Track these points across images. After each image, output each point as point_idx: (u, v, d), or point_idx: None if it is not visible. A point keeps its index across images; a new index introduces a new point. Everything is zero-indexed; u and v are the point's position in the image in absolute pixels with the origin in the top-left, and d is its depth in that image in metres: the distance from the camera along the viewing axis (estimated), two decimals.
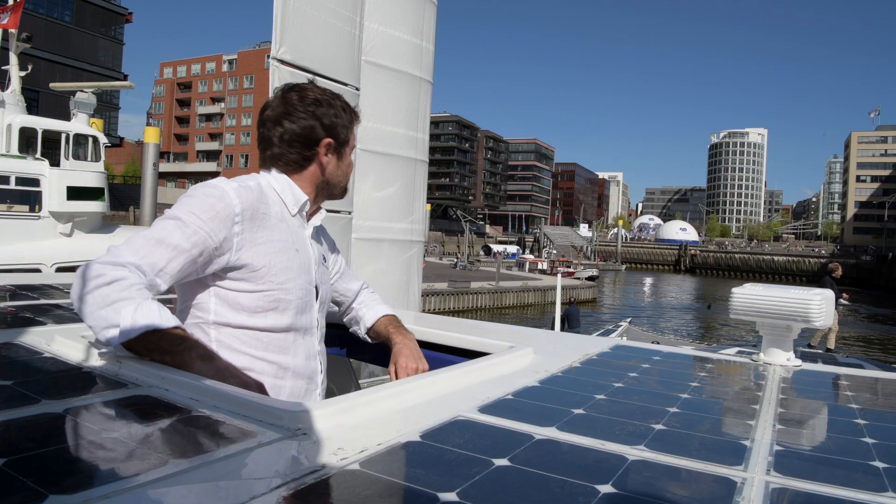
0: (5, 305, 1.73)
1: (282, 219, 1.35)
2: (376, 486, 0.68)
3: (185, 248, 1.19)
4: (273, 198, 1.36)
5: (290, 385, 1.35)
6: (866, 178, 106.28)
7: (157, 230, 1.21)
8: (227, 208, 1.23)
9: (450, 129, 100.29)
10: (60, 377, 1.03)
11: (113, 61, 39.66)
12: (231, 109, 74.11)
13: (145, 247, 1.18)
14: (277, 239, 1.32)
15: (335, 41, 3.79)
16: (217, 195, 1.24)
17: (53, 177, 10.77)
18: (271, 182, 1.39)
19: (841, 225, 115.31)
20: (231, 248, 1.25)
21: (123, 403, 0.90)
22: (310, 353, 1.40)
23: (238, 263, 1.26)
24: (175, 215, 1.22)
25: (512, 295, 29.27)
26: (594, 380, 1.29)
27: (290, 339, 1.35)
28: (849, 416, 1.14)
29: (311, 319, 1.40)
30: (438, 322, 1.89)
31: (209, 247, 1.21)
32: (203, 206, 1.22)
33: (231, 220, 1.24)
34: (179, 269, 1.19)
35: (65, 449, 0.71)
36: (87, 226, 11.34)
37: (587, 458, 0.81)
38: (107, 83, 15.30)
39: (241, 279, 1.28)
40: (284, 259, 1.32)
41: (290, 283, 1.32)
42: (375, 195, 4.23)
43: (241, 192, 1.26)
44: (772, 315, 1.59)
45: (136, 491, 0.61)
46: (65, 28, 36.04)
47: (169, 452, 0.71)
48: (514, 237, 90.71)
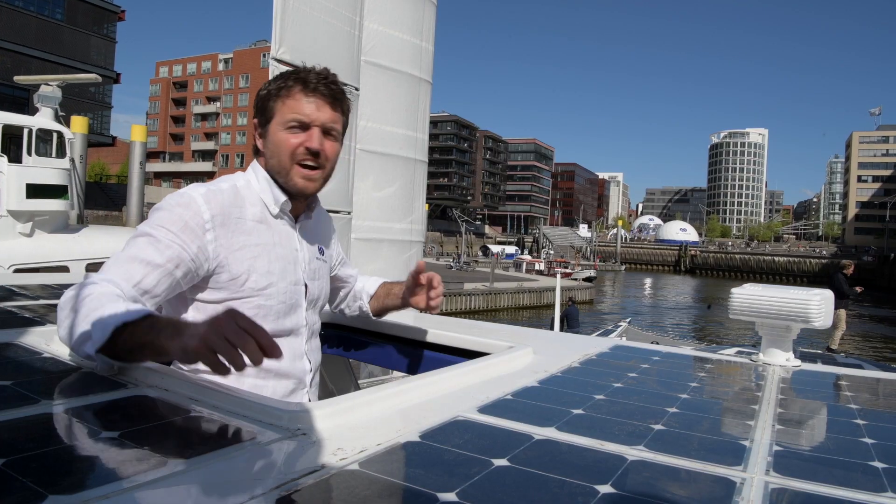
0: (5, 305, 1.72)
1: (261, 220, 1.30)
2: (376, 486, 0.68)
3: (158, 262, 1.15)
4: (251, 198, 1.30)
5: (272, 385, 1.30)
6: (867, 178, 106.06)
7: (127, 249, 1.17)
8: (194, 216, 1.19)
9: (448, 128, 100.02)
10: (60, 377, 1.03)
11: (105, 60, 39.21)
12: (227, 109, 73.91)
13: (116, 265, 1.15)
14: (255, 243, 1.27)
15: (335, 41, 3.79)
16: (184, 203, 1.20)
17: (12, 174, 10.04)
18: (251, 181, 1.32)
19: (842, 225, 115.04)
20: (207, 257, 1.20)
21: (122, 403, 0.90)
22: (295, 354, 1.35)
23: (217, 272, 1.22)
24: (145, 231, 1.19)
25: (506, 297, 28.80)
26: (593, 380, 1.29)
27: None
28: (848, 416, 1.14)
29: (297, 321, 1.36)
30: (438, 322, 1.89)
31: (184, 259, 1.17)
32: (171, 217, 1.18)
33: (201, 228, 1.19)
34: (157, 284, 1.15)
35: (64, 449, 0.71)
36: (50, 225, 10.65)
37: (586, 458, 0.81)
38: (71, 76, 14.62)
39: (220, 288, 1.24)
40: (265, 263, 1.27)
41: (272, 289, 1.28)
42: (375, 195, 4.23)
43: (210, 197, 1.22)
44: (771, 315, 1.59)
45: (136, 491, 0.61)
46: (56, 26, 35.61)
47: (168, 453, 0.71)
48: (513, 238, 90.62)
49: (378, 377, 3.78)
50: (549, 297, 29.83)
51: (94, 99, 39.38)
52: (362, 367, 3.17)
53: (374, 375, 3.83)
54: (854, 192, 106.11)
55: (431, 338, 1.78)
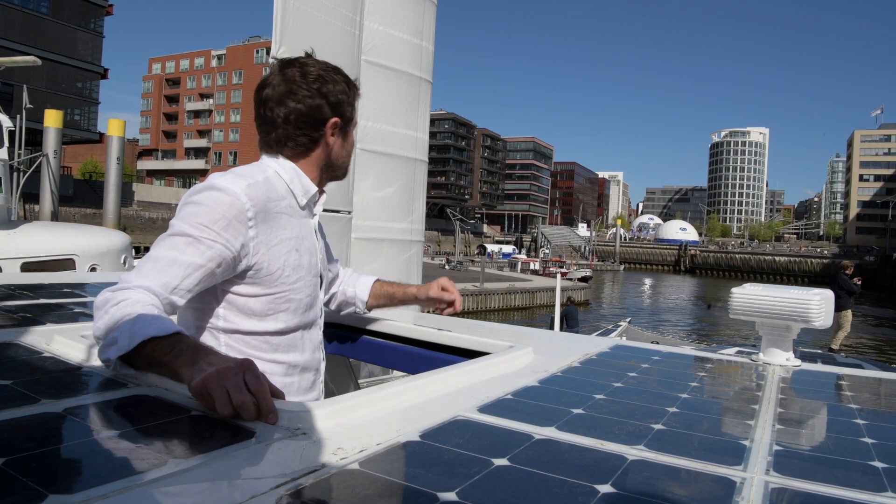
0: (5, 305, 1.72)
1: (291, 213, 1.29)
2: (376, 485, 0.68)
3: (199, 263, 1.12)
4: (281, 190, 1.28)
5: (297, 381, 1.33)
6: (869, 178, 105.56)
7: (166, 249, 1.13)
8: (239, 214, 1.16)
9: (446, 126, 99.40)
10: (60, 377, 1.03)
11: (93, 54, 38.45)
12: (220, 105, 73.42)
13: (154, 269, 1.12)
14: (289, 237, 1.26)
15: (335, 41, 3.79)
16: (228, 202, 1.15)
17: None
18: (279, 171, 1.30)
19: (843, 225, 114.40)
20: (248, 253, 1.19)
21: (123, 403, 0.90)
22: (315, 345, 1.39)
23: (253, 267, 1.21)
24: (183, 231, 1.14)
25: (497, 297, 27.51)
26: (594, 380, 1.29)
27: (298, 336, 1.33)
28: (848, 415, 1.15)
29: (316, 311, 1.38)
30: (438, 322, 1.89)
31: (227, 258, 1.15)
32: (213, 215, 1.14)
33: (245, 225, 1.17)
34: (197, 284, 1.14)
35: (64, 449, 0.71)
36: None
37: (587, 457, 0.81)
38: (9, 59, 13.76)
39: (254, 283, 1.23)
40: (296, 257, 1.28)
41: (300, 283, 1.29)
42: (375, 195, 4.23)
43: (251, 193, 1.19)
44: (771, 315, 1.59)
45: (136, 490, 0.61)
46: (41, 20, 34.92)
47: (168, 452, 0.71)
48: (512, 237, 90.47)
49: (378, 377, 3.78)
50: (541, 297, 29.24)
51: (80, 94, 38.56)
52: (362, 367, 3.17)
53: (374, 375, 3.83)
54: (856, 192, 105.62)
55: (431, 337, 1.78)
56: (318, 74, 1.29)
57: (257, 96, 1.31)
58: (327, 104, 1.30)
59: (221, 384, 0.85)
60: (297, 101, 1.27)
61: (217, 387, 0.85)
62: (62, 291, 2.07)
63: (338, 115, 1.32)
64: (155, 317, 1.01)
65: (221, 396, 0.84)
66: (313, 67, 1.30)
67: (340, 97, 1.32)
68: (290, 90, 1.27)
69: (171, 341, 0.97)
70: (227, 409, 0.84)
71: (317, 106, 1.29)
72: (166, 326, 1.00)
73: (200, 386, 0.86)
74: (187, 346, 0.97)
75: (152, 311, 1.03)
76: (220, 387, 0.85)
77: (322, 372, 1.43)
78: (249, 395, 0.85)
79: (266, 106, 1.29)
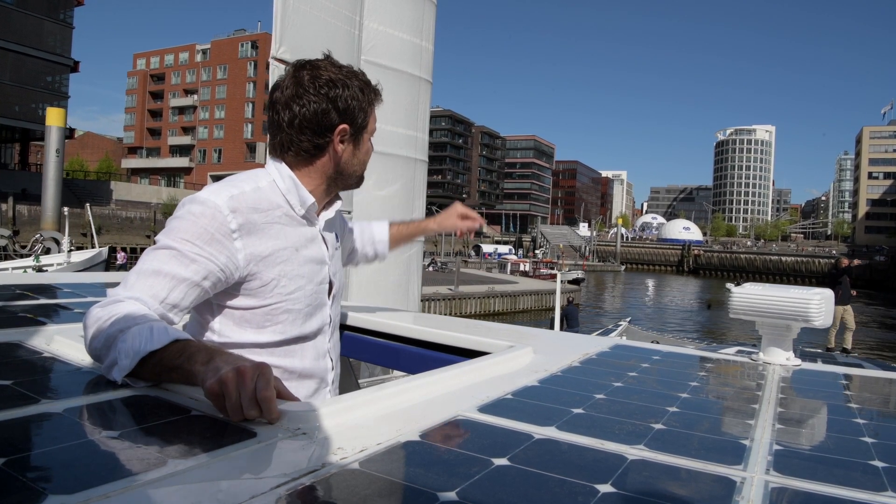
0: (5, 305, 1.73)
1: (287, 221, 1.25)
2: (376, 485, 0.68)
3: (184, 276, 1.11)
4: (276, 199, 1.25)
5: (294, 387, 1.28)
6: (879, 175, 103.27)
7: (149, 262, 1.12)
8: (221, 227, 1.14)
9: (442, 123, 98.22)
10: (60, 377, 1.03)
11: (62, 46, 36.77)
12: (204, 101, 72.35)
13: (139, 280, 1.10)
14: (283, 246, 1.23)
15: (335, 41, 3.79)
16: (209, 214, 1.13)
17: None
18: (276, 180, 1.27)
19: (852, 224, 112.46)
20: (237, 266, 1.16)
21: (123, 403, 0.90)
22: (319, 353, 1.34)
23: (248, 279, 1.19)
24: (167, 244, 1.12)
25: (474, 302, 25.33)
26: (594, 379, 1.29)
27: (298, 344, 1.29)
28: (848, 415, 1.15)
29: (322, 319, 1.34)
30: (438, 322, 1.89)
31: (213, 270, 1.13)
32: (195, 229, 1.12)
33: (229, 237, 1.15)
34: (184, 297, 1.11)
35: (64, 449, 0.71)
36: None
37: (586, 457, 0.81)
38: None
39: (248, 295, 1.21)
40: (293, 266, 1.24)
41: (299, 293, 1.25)
42: (376, 194, 4.24)
43: (234, 204, 1.16)
44: (771, 315, 1.59)
45: (136, 491, 0.61)
46: (5, 9, 33.31)
47: (168, 452, 0.71)
48: (512, 237, 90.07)
49: (378, 377, 3.78)
50: (525, 301, 27.39)
51: (48, 88, 36.58)
52: (362, 367, 3.17)
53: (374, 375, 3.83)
54: (864, 190, 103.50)
55: (431, 337, 1.78)
56: (328, 78, 1.24)
57: (269, 99, 1.29)
58: (335, 110, 1.25)
59: (235, 388, 0.84)
60: (303, 105, 1.23)
61: (233, 390, 0.84)
62: (63, 292, 2.07)
63: (347, 121, 1.27)
64: (151, 328, 0.98)
65: (234, 404, 0.84)
66: (325, 71, 1.26)
67: (351, 103, 1.27)
68: (296, 93, 1.23)
69: (177, 347, 0.96)
70: (236, 416, 0.84)
71: (323, 111, 1.24)
72: (164, 337, 0.97)
73: (216, 387, 0.85)
74: (199, 349, 0.96)
75: (145, 323, 1.00)
76: (235, 392, 0.84)
77: (330, 382, 1.37)
78: (258, 409, 0.84)
79: (274, 109, 1.27)
